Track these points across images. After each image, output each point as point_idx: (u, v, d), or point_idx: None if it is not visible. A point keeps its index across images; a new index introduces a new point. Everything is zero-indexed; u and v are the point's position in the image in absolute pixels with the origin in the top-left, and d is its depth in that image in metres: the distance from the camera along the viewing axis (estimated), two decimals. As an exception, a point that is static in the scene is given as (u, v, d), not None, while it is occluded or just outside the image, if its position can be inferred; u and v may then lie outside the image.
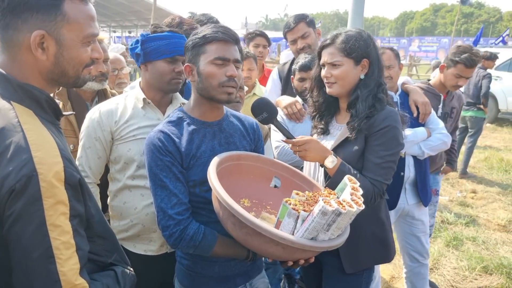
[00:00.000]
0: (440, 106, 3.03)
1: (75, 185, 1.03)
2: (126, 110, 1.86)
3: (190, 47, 1.54)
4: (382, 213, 1.92)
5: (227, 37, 1.51)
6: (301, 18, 2.82)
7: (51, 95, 1.14)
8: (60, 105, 1.16)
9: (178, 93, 2.06)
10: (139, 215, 1.85)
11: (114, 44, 5.34)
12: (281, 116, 2.45)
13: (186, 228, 1.48)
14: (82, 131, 1.90)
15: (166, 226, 1.48)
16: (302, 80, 2.43)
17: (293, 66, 2.52)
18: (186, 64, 1.56)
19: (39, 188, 0.95)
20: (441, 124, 2.71)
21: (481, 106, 6.29)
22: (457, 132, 6.41)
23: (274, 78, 3.10)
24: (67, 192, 0.99)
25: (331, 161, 1.71)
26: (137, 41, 1.86)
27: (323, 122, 1.97)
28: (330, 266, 1.92)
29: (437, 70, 3.18)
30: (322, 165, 1.76)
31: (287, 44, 3.02)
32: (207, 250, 1.51)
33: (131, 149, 1.82)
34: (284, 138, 1.77)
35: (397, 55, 2.77)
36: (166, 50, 1.81)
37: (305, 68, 2.40)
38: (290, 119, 2.45)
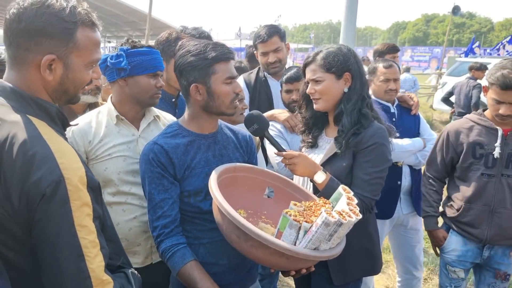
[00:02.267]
0: (497, 144, 2.19)
1: (95, 189, 1.12)
2: (99, 128, 1.82)
3: (198, 68, 1.53)
4: (370, 226, 1.95)
5: (231, 56, 1.59)
6: (275, 31, 2.74)
7: None
8: None
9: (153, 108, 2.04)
10: (122, 231, 1.82)
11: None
12: (278, 129, 2.48)
13: (161, 242, 1.53)
14: None
15: (152, 235, 1.57)
16: (289, 91, 2.48)
17: (280, 79, 2.55)
18: (193, 85, 1.55)
19: (67, 191, 1.02)
20: (434, 135, 2.75)
21: None
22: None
23: (241, 87, 3.07)
24: (89, 195, 1.07)
25: (320, 177, 1.74)
26: (118, 55, 1.80)
27: (311, 137, 2.01)
28: (318, 276, 1.92)
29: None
30: (312, 180, 1.79)
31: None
32: (173, 270, 1.53)
33: (108, 168, 1.79)
34: (276, 151, 1.81)
35: (399, 69, 2.82)
36: (149, 65, 1.81)
37: (290, 80, 2.45)
38: (292, 132, 2.47)
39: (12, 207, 1.02)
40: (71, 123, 1.27)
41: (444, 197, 2.53)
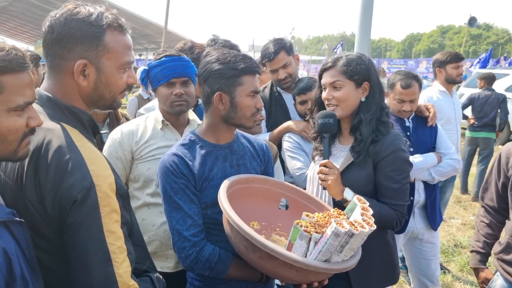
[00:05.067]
0: None
1: (124, 195, 1.16)
2: (146, 131, 1.93)
3: (225, 76, 1.52)
4: (389, 235, 1.93)
5: (258, 70, 1.58)
6: (281, 46, 2.66)
7: None
8: None
9: (195, 114, 2.12)
10: (157, 232, 1.89)
11: (142, 66, 5.43)
12: (296, 141, 2.47)
13: (202, 249, 1.49)
14: (104, 151, 1.95)
15: (182, 248, 1.50)
16: (303, 102, 2.47)
17: (293, 92, 2.55)
18: (217, 92, 1.54)
19: (97, 198, 1.06)
20: (453, 148, 2.66)
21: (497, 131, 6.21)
22: (466, 156, 6.34)
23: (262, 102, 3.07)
24: (118, 201, 1.11)
25: (350, 193, 1.71)
26: (144, 71, 1.94)
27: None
28: None
29: None
30: (339, 200, 1.75)
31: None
32: (223, 272, 1.51)
33: (150, 168, 1.87)
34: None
35: (420, 85, 2.65)
36: (161, 75, 1.88)
37: (303, 90, 2.44)
38: (310, 142, 2.45)
39: (46, 211, 1.06)
40: (101, 131, 1.31)
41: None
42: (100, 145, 2.01)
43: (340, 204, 1.75)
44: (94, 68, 1.16)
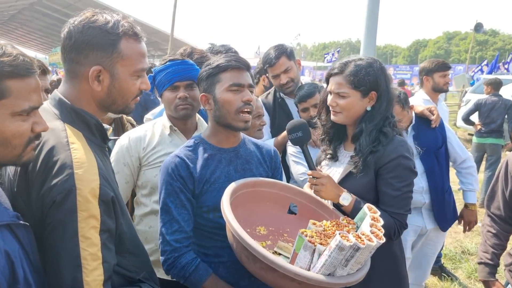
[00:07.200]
0: None
1: (107, 202, 1.13)
2: (153, 137, 1.93)
3: (204, 78, 1.58)
4: (395, 247, 1.86)
5: (240, 64, 1.56)
6: (282, 52, 2.70)
7: None
8: None
9: (203, 120, 2.11)
10: None
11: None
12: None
13: (181, 256, 1.49)
14: (111, 157, 1.95)
15: (163, 251, 1.51)
16: (305, 110, 2.48)
17: (294, 100, 2.57)
18: (202, 94, 1.60)
19: (76, 201, 1.06)
20: (467, 154, 2.72)
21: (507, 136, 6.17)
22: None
23: (253, 97, 3.09)
24: (100, 207, 1.10)
25: (346, 199, 1.67)
26: (150, 77, 1.94)
27: (331, 147, 1.95)
28: None
29: None
30: (336, 204, 1.73)
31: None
32: (196, 285, 1.49)
33: (157, 175, 1.85)
34: (308, 171, 1.76)
35: (404, 102, 2.58)
36: (165, 80, 1.90)
37: (304, 98, 2.46)
38: (314, 146, 2.46)
39: (31, 206, 1.09)
40: (111, 138, 1.32)
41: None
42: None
43: (339, 206, 1.72)
44: (108, 74, 1.19)
